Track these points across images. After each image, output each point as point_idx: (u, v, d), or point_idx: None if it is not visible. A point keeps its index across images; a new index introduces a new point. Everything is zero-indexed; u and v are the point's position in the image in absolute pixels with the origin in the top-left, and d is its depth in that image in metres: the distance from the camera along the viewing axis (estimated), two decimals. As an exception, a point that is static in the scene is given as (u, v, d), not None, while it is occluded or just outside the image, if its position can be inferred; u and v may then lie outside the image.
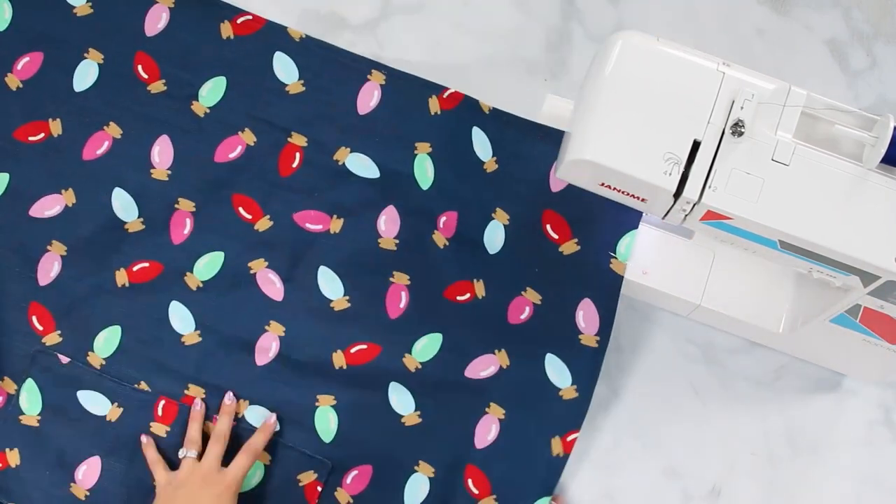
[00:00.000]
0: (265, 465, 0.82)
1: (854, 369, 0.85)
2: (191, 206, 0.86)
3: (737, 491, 0.84)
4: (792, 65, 0.91)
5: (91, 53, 0.88)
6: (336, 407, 0.83)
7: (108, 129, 0.87)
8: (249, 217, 0.86)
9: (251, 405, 0.83)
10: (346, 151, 0.86)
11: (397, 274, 0.85)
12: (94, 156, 0.87)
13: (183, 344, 0.85)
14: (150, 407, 0.83)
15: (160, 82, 0.88)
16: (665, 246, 0.83)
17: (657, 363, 0.86)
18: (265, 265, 0.85)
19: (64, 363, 0.84)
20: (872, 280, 0.63)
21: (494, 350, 0.83)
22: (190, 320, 0.85)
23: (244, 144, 0.87)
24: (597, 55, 0.63)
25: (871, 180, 0.60)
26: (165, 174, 0.87)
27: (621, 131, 0.60)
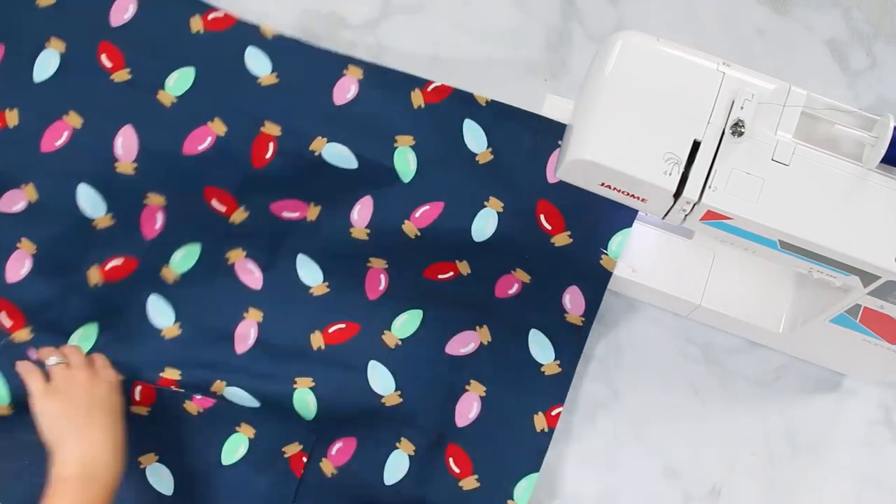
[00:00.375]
0: (249, 439, 0.82)
1: (854, 369, 0.85)
2: (161, 200, 0.83)
3: (737, 491, 0.84)
4: (792, 65, 0.91)
5: (52, 42, 0.84)
6: (314, 389, 0.82)
7: (68, 118, 0.82)
8: (223, 209, 0.84)
9: (228, 387, 0.82)
10: (322, 141, 0.82)
11: (374, 259, 0.85)
12: (53, 147, 0.82)
13: (163, 338, 0.84)
14: (127, 393, 0.80)
15: (125, 71, 0.83)
16: (665, 246, 0.83)
17: (657, 363, 0.86)
18: (243, 255, 0.85)
19: (34, 358, 0.80)
20: (872, 280, 0.63)
21: (475, 326, 0.83)
22: (170, 313, 0.84)
23: (214, 135, 0.82)
24: (597, 55, 0.63)
25: (871, 180, 0.60)
26: (132, 167, 0.82)
27: (621, 131, 0.60)
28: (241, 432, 0.82)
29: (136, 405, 0.81)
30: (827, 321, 0.74)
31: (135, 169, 0.82)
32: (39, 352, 0.77)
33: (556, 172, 0.65)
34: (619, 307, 0.87)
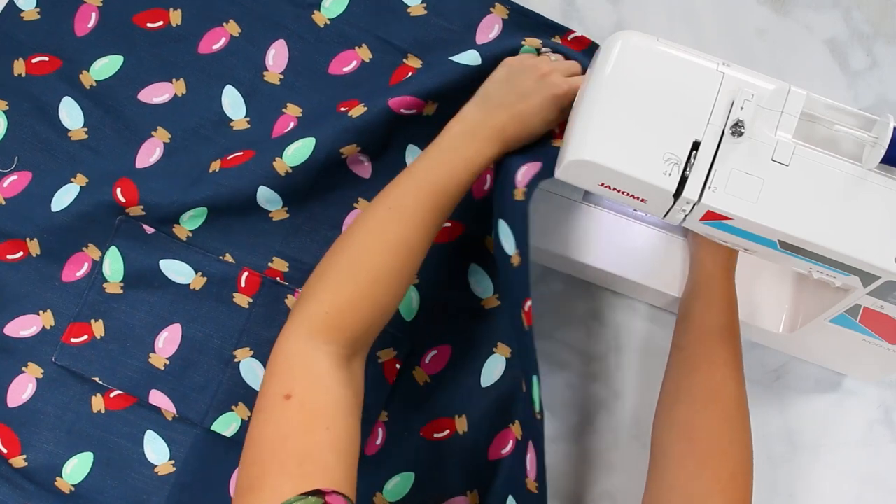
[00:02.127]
0: None
1: (854, 369, 0.85)
2: (298, 111, 0.88)
3: (737, 491, 0.84)
4: (792, 65, 0.91)
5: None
6: (419, 286, 0.83)
7: (227, 26, 0.88)
8: (345, 109, 0.86)
9: None
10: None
11: None
12: (210, 50, 0.88)
13: (271, 219, 0.85)
14: (234, 278, 0.84)
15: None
16: (665, 246, 0.83)
17: (657, 363, 0.86)
18: (357, 150, 0.85)
19: (149, 233, 0.84)
20: (872, 280, 0.63)
21: None
22: (277, 200, 0.85)
23: (359, 60, 0.88)
24: (597, 55, 0.63)
25: (871, 180, 0.60)
26: (277, 78, 0.88)
27: (621, 131, 0.60)
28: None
29: (239, 292, 0.83)
30: (827, 321, 0.74)
31: (280, 80, 0.88)
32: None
33: (555, 173, 0.65)
34: (618, 307, 0.87)
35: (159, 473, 0.82)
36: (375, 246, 0.68)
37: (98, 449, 0.82)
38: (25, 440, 0.82)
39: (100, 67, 0.88)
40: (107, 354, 0.83)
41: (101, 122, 0.87)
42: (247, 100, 0.88)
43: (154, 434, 0.83)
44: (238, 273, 0.84)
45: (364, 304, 0.67)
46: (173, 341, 0.83)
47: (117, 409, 0.83)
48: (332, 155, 0.84)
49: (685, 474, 0.69)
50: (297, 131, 0.86)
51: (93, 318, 0.84)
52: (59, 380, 0.83)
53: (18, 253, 0.85)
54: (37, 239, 0.85)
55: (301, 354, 0.64)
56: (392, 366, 0.83)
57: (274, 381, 0.64)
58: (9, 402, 0.83)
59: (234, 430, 0.82)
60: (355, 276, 0.67)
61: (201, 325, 0.84)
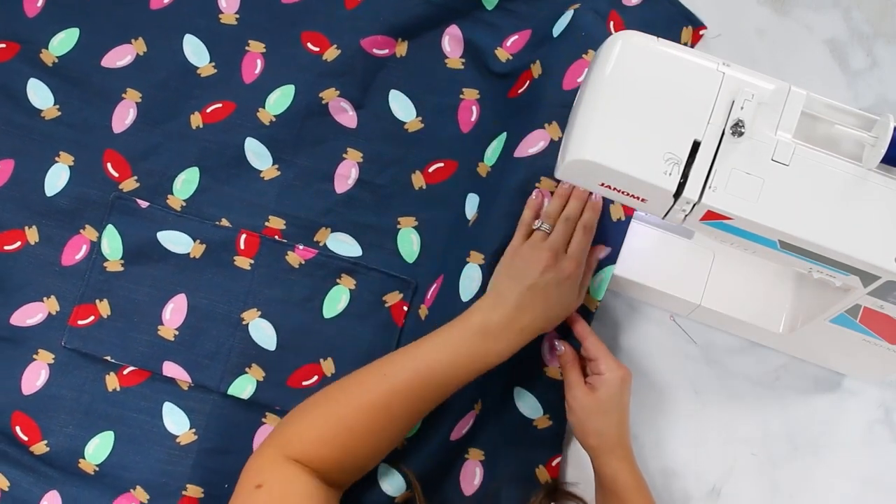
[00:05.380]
0: (350, 290, 0.84)
1: (854, 369, 0.85)
2: (261, 47, 0.89)
3: (737, 491, 0.84)
4: (792, 65, 0.91)
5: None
6: (418, 228, 0.85)
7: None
8: (317, 49, 0.88)
9: (333, 232, 0.85)
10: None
11: (466, 90, 0.87)
12: (162, 4, 0.89)
13: (262, 179, 0.87)
14: (233, 242, 0.85)
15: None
16: (665, 246, 0.83)
17: (657, 363, 0.86)
18: (336, 94, 0.87)
19: (143, 207, 0.85)
20: (872, 280, 0.63)
21: (545, 124, 0.82)
22: (267, 156, 0.87)
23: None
24: (597, 55, 0.63)
25: (871, 180, 0.60)
26: (234, 18, 0.89)
27: (621, 131, 0.60)
28: (342, 284, 0.84)
29: (240, 255, 0.85)
30: (827, 321, 0.74)
31: (237, 19, 0.89)
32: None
33: (555, 173, 0.65)
34: (619, 307, 0.87)
35: (182, 443, 0.83)
36: (359, 403, 0.70)
37: (118, 426, 0.83)
38: (45, 426, 0.83)
39: (58, 43, 0.89)
40: (116, 332, 0.84)
41: (71, 96, 0.88)
42: (208, 45, 0.89)
43: (172, 405, 0.84)
44: (236, 236, 0.85)
45: (335, 448, 0.69)
46: (180, 311, 0.84)
47: (132, 385, 0.84)
48: (313, 101, 0.87)
49: None
50: (270, 74, 0.88)
51: (97, 298, 0.85)
52: (71, 363, 0.84)
53: (16, 243, 0.86)
54: (35, 226, 0.86)
55: (274, 463, 0.67)
56: (399, 308, 0.84)
57: (246, 478, 0.68)
58: (24, 391, 0.84)
59: (250, 393, 0.83)
60: (331, 422, 0.70)
61: (206, 292, 0.84)
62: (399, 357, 0.73)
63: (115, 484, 0.82)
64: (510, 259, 0.76)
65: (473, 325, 0.73)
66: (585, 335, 0.78)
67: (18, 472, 0.82)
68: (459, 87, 0.88)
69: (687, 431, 0.85)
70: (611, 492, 0.74)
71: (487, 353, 0.72)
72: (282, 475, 0.66)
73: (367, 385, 0.71)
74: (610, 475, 0.74)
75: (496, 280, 0.76)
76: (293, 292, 0.85)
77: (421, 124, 0.87)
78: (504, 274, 0.75)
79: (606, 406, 0.74)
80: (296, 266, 0.85)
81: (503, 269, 0.76)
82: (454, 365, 0.72)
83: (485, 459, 0.82)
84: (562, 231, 0.76)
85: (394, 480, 0.77)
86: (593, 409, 0.74)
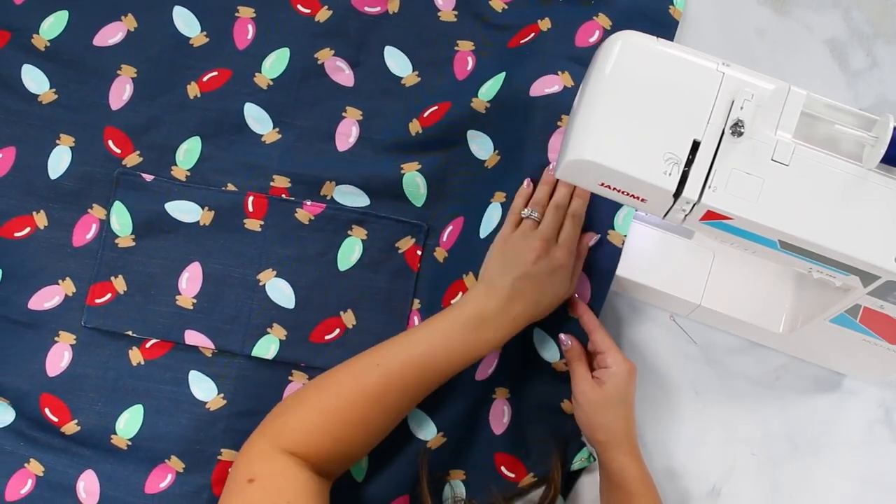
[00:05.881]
0: (362, 240, 0.85)
1: (854, 369, 0.85)
2: (250, 12, 0.89)
3: (737, 491, 0.84)
4: (792, 65, 0.91)
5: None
6: (421, 171, 0.85)
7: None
8: (308, 11, 0.88)
9: (338, 185, 0.85)
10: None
11: (461, 42, 0.88)
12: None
13: (264, 143, 0.87)
14: (240, 205, 0.85)
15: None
16: (665, 246, 0.83)
17: (657, 363, 0.86)
18: (331, 54, 0.88)
19: (148, 181, 0.86)
20: (872, 280, 0.63)
21: (557, 71, 0.84)
22: (267, 120, 0.87)
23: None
24: (597, 55, 0.63)
25: (871, 180, 0.60)
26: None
27: (621, 131, 0.60)
28: (354, 235, 0.85)
29: (249, 217, 0.85)
30: (827, 321, 0.74)
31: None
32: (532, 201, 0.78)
33: (555, 173, 0.65)
34: (619, 307, 0.87)
35: (211, 409, 0.83)
36: (351, 393, 0.70)
37: (146, 399, 0.84)
38: (73, 405, 0.84)
39: (48, 27, 0.89)
40: (134, 307, 0.84)
41: (66, 79, 0.88)
42: (198, 15, 0.89)
43: (198, 373, 0.84)
44: (243, 199, 0.85)
45: (327, 438, 0.69)
46: (196, 280, 0.85)
47: (156, 358, 0.84)
48: (309, 62, 0.88)
49: None
50: (263, 39, 0.88)
51: (112, 275, 0.85)
52: (92, 342, 0.85)
53: (25, 229, 0.86)
54: (43, 210, 0.86)
55: (266, 456, 0.67)
56: (413, 253, 0.85)
57: (237, 471, 0.67)
58: (49, 373, 0.84)
59: (274, 352, 0.83)
60: (324, 413, 0.70)
61: (219, 257, 0.85)
62: (392, 346, 0.73)
63: (149, 456, 0.83)
64: (501, 248, 0.76)
65: (467, 315, 0.73)
66: (593, 328, 0.78)
67: (51, 455, 0.82)
68: (454, 40, 0.89)
69: (687, 431, 0.85)
70: (618, 486, 0.74)
71: (480, 343, 0.73)
72: (274, 468, 0.66)
73: (360, 375, 0.71)
74: (617, 469, 0.73)
75: (487, 269, 0.76)
76: (306, 249, 0.85)
77: (417, 78, 0.88)
78: (495, 263, 0.75)
79: (614, 400, 0.74)
80: (306, 222, 0.85)
81: (494, 257, 0.76)
82: (447, 354, 0.72)
83: (510, 396, 0.83)
84: (552, 219, 0.76)
85: (427, 428, 0.79)
86: (601, 404, 0.74)
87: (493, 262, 0.76)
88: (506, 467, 0.82)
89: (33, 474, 0.82)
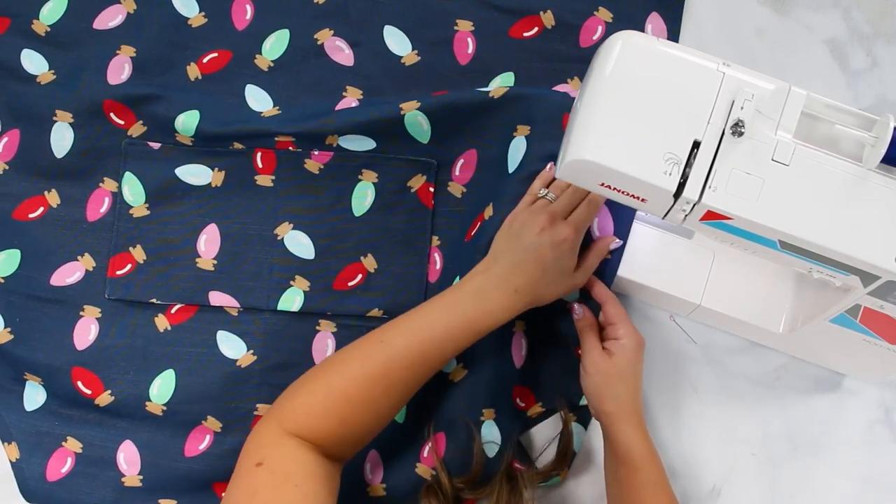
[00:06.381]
0: (374, 183, 0.85)
1: (854, 369, 0.85)
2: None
3: (737, 491, 0.84)
4: (792, 65, 0.91)
5: None
6: (421, 108, 0.84)
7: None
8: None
9: (342, 136, 0.85)
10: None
11: (460, 22, 0.88)
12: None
13: (264, 117, 0.87)
14: (250, 162, 0.86)
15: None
16: (665, 246, 0.83)
17: (657, 363, 0.86)
18: (331, 34, 0.88)
19: (156, 148, 0.86)
20: (872, 280, 0.63)
21: (567, 80, 0.85)
22: (267, 100, 0.88)
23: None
24: (597, 55, 0.63)
25: (871, 180, 0.60)
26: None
27: (621, 131, 0.60)
28: (365, 179, 0.85)
29: (259, 173, 0.85)
30: (827, 321, 0.74)
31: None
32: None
33: (556, 173, 0.65)
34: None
35: (242, 366, 0.84)
36: (356, 372, 0.70)
37: (176, 364, 0.84)
38: (105, 377, 0.84)
39: (48, 12, 0.90)
40: (155, 275, 0.85)
41: (65, 62, 0.89)
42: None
43: (225, 333, 0.85)
44: (252, 156, 0.86)
45: (333, 420, 0.69)
46: (214, 241, 0.85)
47: (182, 322, 0.85)
48: (309, 43, 0.88)
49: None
50: (262, 20, 0.88)
51: (130, 245, 0.86)
52: (118, 312, 0.86)
53: (39, 209, 0.87)
54: (54, 189, 0.87)
55: (274, 439, 0.67)
56: (426, 191, 0.85)
57: (246, 456, 0.67)
58: (78, 347, 0.85)
59: (299, 304, 0.84)
60: (330, 393, 0.69)
61: (235, 216, 0.86)
62: (396, 325, 0.73)
63: (185, 420, 0.84)
64: (509, 222, 0.76)
65: (469, 287, 0.73)
66: (606, 299, 0.78)
67: (88, 430, 0.83)
68: (453, 19, 0.88)
69: (687, 431, 0.85)
70: (625, 462, 0.73)
71: (482, 315, 0.72)
72: (282, 452, 0.66)
73: (365, 355, 0.71)
74: (625, 443, 0.73)
75: (494, 244, 0.76)
76: (319, 198, 0.86)
77: (417, 57, 0.88)
78: (502, 236, 0.76)
79: (625, 372, 0.74)
80: (316, 172, 0.86)
81: (502, 232, 0.76)
82: (450, 327, 0.72)
83: (526, 329, 0.83)
84: (566, 199, 0.76)
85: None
86: (612, 374, 0.74)
87: (501, 235, 0.76)
88: (520, 398, 0.83)
89: (72, 452, 0.83)
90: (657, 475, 0.73)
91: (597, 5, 0.87)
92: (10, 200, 0.88)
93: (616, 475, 0.74)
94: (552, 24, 0.87)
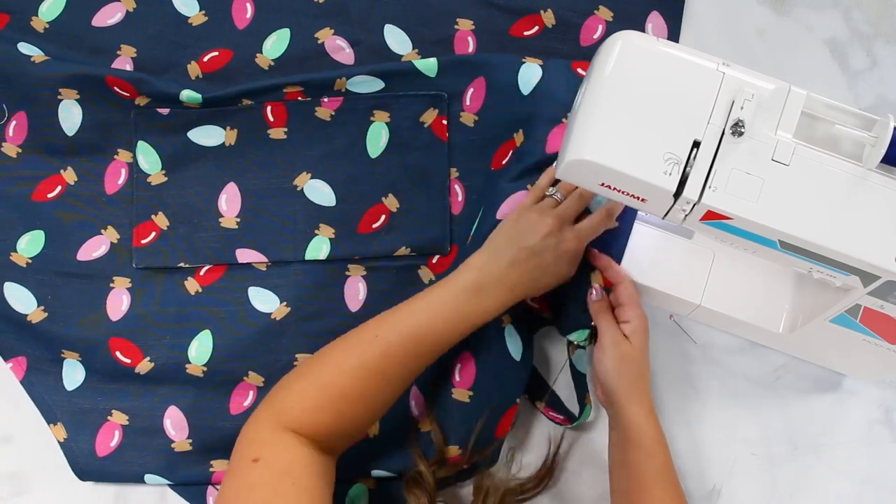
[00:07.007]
0: (387, 123, 0.86)
1: (854, 369, 0.85)
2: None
3: (737, 491, 0.84)
4: (792, 65, 0.91)
5: None
6: (422, 55, 0.85)
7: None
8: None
9: (349, 79, 0.85)
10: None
11: (461, 21, 0.88)
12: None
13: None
14: (261, 116, 0.86)
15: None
16: (665, 246, 0.83)
17: (657, 363, 0.86)
18: (331, 33, 0.88)
19: (165, 114, 0.87)
20: (872, 280, 0.63)
21: None
22: None
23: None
24: (597, 55, 0.63)
25: (871, 180, 0.60)
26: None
27: (621, 131, 0.60)
28: (377, 120, 0.85)
29: (272, 127, 0.86)
30: (827, 321, 0.74)
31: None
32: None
33: (556, 173, 0.65)
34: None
35: (277, 319, 0.84)
36: (351, 367, 0.70)
37: (211, 323, 0.85)
38: (142, 344, 0.85)
39: (47, 9, 0.90)
40: (180, 239, 0.86)
41: (65, 56, 0.89)
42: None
43: (256, 288, 0.85)
44: (262, 110, 0.86)
45: (329, 415, 0.69)
46: (234, 199, 0.86)
47: (213, 283, 0.86)
48: (309, 42, 0.88)
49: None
50: (262, 19, 0.88)
51: (151, 213, 0.86)
52: (147, 280, 0.86)
53: (57, 188, 0.88)
54: (70, 167, 0.88)
55: (270, 435, 0.67)
56: (439, 124, 0.85)
57: (242, 450, 0.67)
58: (112, 317, 0.86)
59: (326, 252, 0.85)
60: (325, 388, 0.69)
61: (253, 173, 0.86)
62: (390, 318, 0.73)
63: (227, 378, 0.84)
64: (515, 219, 0.76)
65: (465, 283, 0.73)
66: (620, 279, 0.78)
67: (131, 401, 0.84)
68: (453, 18, 0.89)
69: (687, 431, 0.85)
70: (635, 445, 0.73)
71: (477, 311, 0.73)
72: (279, 448, 0.66)
73: (359, 348, 0.71)
74: (637, 425, 0.73)
75: (494, 238, 0.76)
76: (334, 144, 0.86)
77: (418, 56, 0.88)
78: (505, 233, 0.75)
79: (638, 354, 0.75)
80: (328, 119, 0.86)
81: (505, 227, 0.76)
82: (444, 323, 0.72)
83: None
84: (574, 203, 0.76)
85: None
86: (628, 354, 0.75)
87: (504, 231, 0.76)
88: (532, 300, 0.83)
89: (118, 425, 0.84)
90: (666, 463, 0.73)
91: (597, 4, 0.87)
92: (28, 183, 0.88)
93: (624, 459, 0.74)
94: (552, 22, 0.87)
